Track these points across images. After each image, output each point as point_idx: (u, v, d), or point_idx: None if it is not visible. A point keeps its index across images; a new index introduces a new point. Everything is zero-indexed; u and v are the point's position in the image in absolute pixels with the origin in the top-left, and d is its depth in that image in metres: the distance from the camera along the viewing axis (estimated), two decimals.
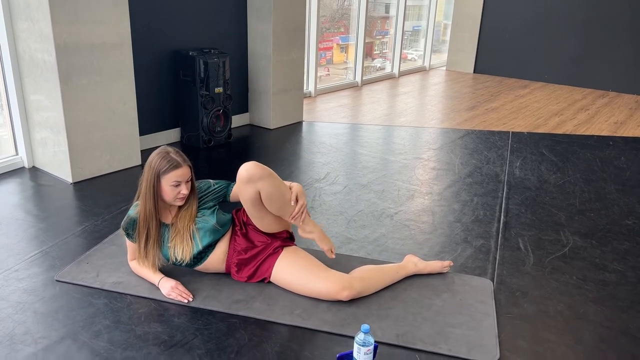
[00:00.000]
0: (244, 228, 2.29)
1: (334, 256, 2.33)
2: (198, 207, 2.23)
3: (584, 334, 2.11)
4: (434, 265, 2.47)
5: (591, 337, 2.09)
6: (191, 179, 2.18)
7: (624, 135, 5.21)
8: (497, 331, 2.07)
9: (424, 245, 2.79)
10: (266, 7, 4.68)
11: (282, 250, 2.26)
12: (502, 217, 3.18)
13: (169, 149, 2.16)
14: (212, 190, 2.26)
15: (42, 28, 3.17)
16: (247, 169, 2.09)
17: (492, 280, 2.46)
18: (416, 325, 2.09)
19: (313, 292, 2.18)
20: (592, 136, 5.12)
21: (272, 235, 2.27)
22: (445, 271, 2.49)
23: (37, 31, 3.21)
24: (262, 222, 2.24)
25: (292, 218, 2.21)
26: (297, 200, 2.19)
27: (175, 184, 2.11)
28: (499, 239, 2.89)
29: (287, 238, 2.33)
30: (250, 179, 2.08)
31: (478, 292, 2.34)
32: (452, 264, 2.52)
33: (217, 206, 2.27)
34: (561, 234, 2.98)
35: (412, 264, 2.44)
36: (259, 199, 2.14)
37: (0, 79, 3.50)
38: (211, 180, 2.30)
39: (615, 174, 4.02)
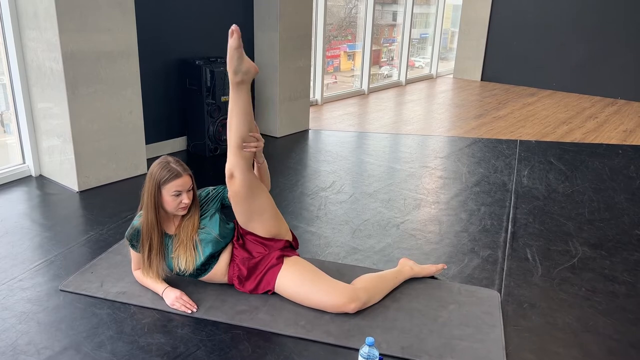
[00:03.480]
0: (241, 239, 2.28)
1: (233, 27, 2.00)
2: (201, 216, 2.22)
3: (593, 347, 2.07)
4: (429, 269, 2.51)
5: (600, 350, 2.05)
6: (192, 188, 2.18)
7: (634, 143, 5.16)
8: (504, 344, 2.04)
9: (431, 256, 2.76)
10: (273, 16, 4.69)
11: (282, 261, 2.24)
12: (509, 226, 3.15)
13: (169, 158, 2.16)
14: (210, 196, 2.27)
15: (50, 37, 3.19)
16: (226, 168, 2.14)
17: (500, 291, 2.43)
18: (422, 337, 2.06)
19: (319, 304, 2.16)
20: (601, 144, 5.07)
21: (270, 247, 2.26)
22: (439, 274, 2.53)
23: (45, 40, 3.23)
24: (262, 219, 2.22)
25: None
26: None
27: (176, 193, 2.11)
28: (507, 250, 2.85)
29: (286, 247, 2.31)
30: (229, 165, 2.12)
31: (485, 303, 2.31)
32: (445, 267, 2.56)
33: (219, 214, 2.26)
34: (570, 244, 2.95)
35: (408, 267, 2.47)
36: (254, 179, 2.16)
37: (8, 88, 3.53)
38: (210, 187, 2.31)
39: (624, 183, 3.97)
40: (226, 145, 4.37)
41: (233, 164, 2.11)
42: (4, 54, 3.46)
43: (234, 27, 1.99)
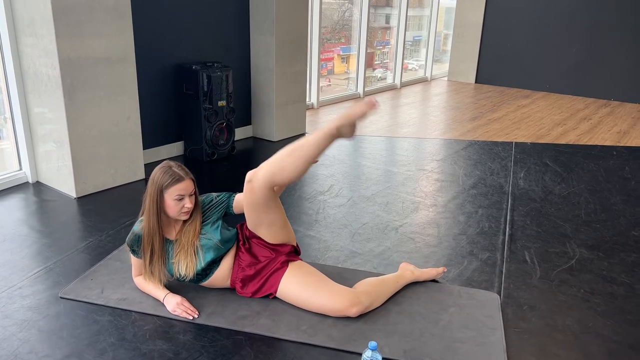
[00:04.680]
0: (247, 243, 2.28)
1: (375, 102, 2.07)
2: (202, 221, 2.22)
3: (593, 348, 2.09)
4: (430, 273, 2.52)
5: (600, 351, 2.07)
6: (194, 193, 2.18)
7: (628, 144, 5.20)
8: (505, 346, 2.05)
9: (430, 259, 2.77)
10: (268, 20, 4.70)
11: (287, 265, 2.24)
12: (507, 229, 3.16)
13: (171, 163, 2.16)
14: (214, 203, 2.26)
15: (47, 43, 3.18)
16: (248, 173, 2.12)
17: (499, 293, 2.45)
18: (423, 340, 2.07)
19: (321, 308, 2.17)
20: (596, 146, 5.11)
21: (276, 251, 2.26)
22: (439, 277, 2.55)
23: (42, 46, 3.23)
24: (271, 230, 2.22)
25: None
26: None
27: (178, 197, 2.11)
28: (505, 252, 2.87)
29: (291, 252, 2.31)
30: (254, 174, 2.09)
31: (485, 306, 2.32)
32: (445, 270, 2.57)
33: (221, 220, 2.26)
34: (567, 245, 2.97)
35: (409, 271, 2.47)
36: (272, 195, 2.14)
37: (4, 95, 3.52)
38: (213, 194, 2.30)
39: (620, 184, 4.00)
40: (223, 150, 4.39)
41: (261, 177, 2.08)
42: (0, 60, 3.45)
43: (375, 101, 2.05)
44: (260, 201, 2.13)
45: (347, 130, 2.10)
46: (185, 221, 2.21)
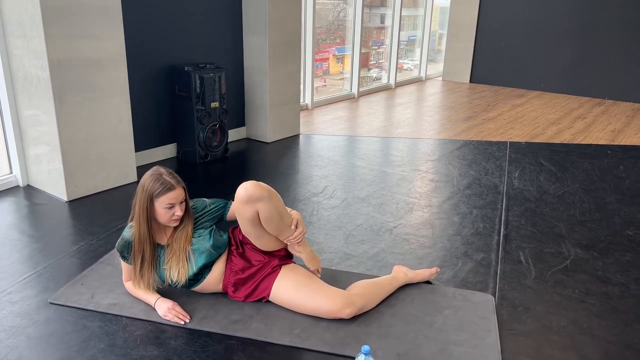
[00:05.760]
0: (240, 247, 2.25)
1: (319, 276, 2.35)
2: (194, 227, 2.19)
3: (589, 349, 2.07)
4: (423, 274, 2.51)
5: (596, 352, 2.05)
6: (185, 200, 2.15)
7: (622, 143, 5.20)
8: (500, 348, 2.03)
9: (424, 260, 2.75)
10: (261, 21, 4.68)
11: (280, 269, 2.22)
12: (502, 229, 3.15)
13: (162, 170, 2.11)
14: (208, 211, 2.22)
15: (36, 45, 3.15)
16: (246, 189, 2.05)
17: (494, 295, 2.43)
18: (417, 343, 2.05)
19: (314, 310, 2.14)
20: (590, 145, 5.10)
21: (270, 254, 2.24)
22: (433, 278, 2.54)
23: (31, 48, 3.19)
24: (260, 241, 2.20)
25: (289, 242, 2.20)
26: (297, 227, 2.18)
27: (169, 206, 2.07)
28: (500, 252, 2.85)
29: (285, 256, 2.29)
30: (249, 199, 2.05)
31: (480, 308, 2.30)
32: (438, 270, 2.56)
33: (214, 226, 2.24)
34: (562, 245, 2.95)
35: (403, 273, 2.46)
36: (257, 219, 2.10)
37: None
38: (207, 200, 2.26)
39: (614, 184, 3.99)
40: (216, 151, 4.36)
41: (255, 206, 2.07)
42: None
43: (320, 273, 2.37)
44: (255, 217, 2.11)
45: (301, 251, 2.28)
46: (176, 227, 2.18)
